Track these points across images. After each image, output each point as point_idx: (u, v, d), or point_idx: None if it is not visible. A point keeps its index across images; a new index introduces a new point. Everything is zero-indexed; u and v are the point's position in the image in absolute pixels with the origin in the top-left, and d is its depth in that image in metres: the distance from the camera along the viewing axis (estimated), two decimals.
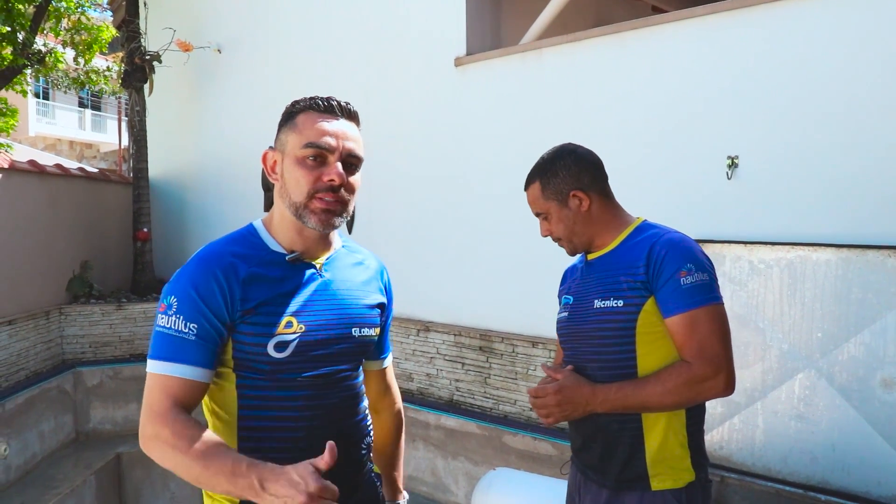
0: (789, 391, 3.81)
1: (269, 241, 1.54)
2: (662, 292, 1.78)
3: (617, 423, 1.86)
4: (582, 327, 1.95)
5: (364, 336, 1.59)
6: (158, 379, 1.42)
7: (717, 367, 1.73)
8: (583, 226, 1.96)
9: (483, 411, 5.42)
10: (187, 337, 1.41)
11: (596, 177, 1.97)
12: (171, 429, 1.36)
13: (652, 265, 1.80)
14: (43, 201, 6.83)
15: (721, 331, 1.77)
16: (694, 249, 1.81)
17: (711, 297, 1.78)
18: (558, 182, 1.96)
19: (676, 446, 1.83)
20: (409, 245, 5.94)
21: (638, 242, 1.88)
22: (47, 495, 5.63)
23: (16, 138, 10.87)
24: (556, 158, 1.99)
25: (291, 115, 1.53)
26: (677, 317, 1.76)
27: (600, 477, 1.92)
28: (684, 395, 1.75)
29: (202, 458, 1.31)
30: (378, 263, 1.76)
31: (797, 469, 3.77)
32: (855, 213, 3.67)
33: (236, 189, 7.45)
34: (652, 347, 1.82)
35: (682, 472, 1.84)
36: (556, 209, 1.98)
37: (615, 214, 1.98)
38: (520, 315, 5.18)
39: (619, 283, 1.85)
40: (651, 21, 4.44)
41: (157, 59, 7.94)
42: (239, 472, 1.27)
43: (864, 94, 3.64)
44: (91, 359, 7.05)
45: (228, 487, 1.29)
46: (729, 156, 4.05)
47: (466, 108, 5.52)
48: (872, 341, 3.55)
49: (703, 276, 1.77)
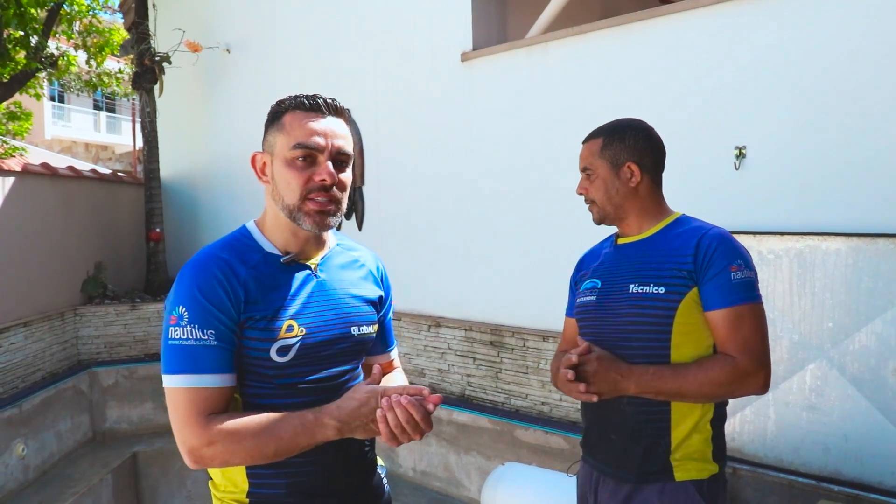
0: (801, 382, 3.78)
1: (264, 242, 1.53)
2: (710, 285, 1.76)
3: (644, 415, 1.83)
4: (615, 312, 1.89)
5: (363, 334, 1.59)
6: (188, 392, 1.38)
7: (759, 363, 1.73)
8: (622, 198, 1.92)
9: (495, 406, 5.43)
10: (208, 343, 1.38)
11: (656, 161, 1.94)
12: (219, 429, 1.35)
13: (701, 256, 1.77)
14: (56, 203, 6.90)
15: (763, 329, 1.77)
16: (741, 246, 1.81)
17: (756, 295, 1.77)
18: (622, 148, 1.92)
19: (700, 440, 1.82)
20: (418, 241, 5.95)
21: (682, 233, 1.86)
22: (65, 494, 5.70)
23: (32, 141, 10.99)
24: (629, 127, 1.94)
25: (277, 116, 1.51)
26: (723, 311, 1.75)
27: (623, 472, 1.88)
28: (724, 388, 1.74)
29: (268, 433, 1.36)
30: (373, 258, 1.75)
31: (809, 460, 3.74)
32: (864, 201, 3.63)
33: (247, 188, 7.47)
34: (687, 338, 1.79)
35: (706, 464, 1.82)
36: (606, 172, 1.93)
37: (657, 203, 1.95)
38: (530, 309, 5.17)
39: (661, 270, 1.82)
40: (658, 12, 4.41)
41: (167, 59, 7.99)
42: (309, 423, 1.37)
43: (873, 83, 3.60)
44: (106, 359, 7.12)
45: (308, 442, 1.37)
46: (736, 146, 4.02)
47: (474, 103, 5.52)
48: (884, 330, 3.52)
49: (750, 274, 1.77)
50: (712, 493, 1.81)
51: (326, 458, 1.49)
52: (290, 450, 1.37)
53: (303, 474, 1.48)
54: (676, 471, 1.80)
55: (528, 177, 5.11)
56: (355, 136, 6.25)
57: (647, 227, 1.93)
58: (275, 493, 1.48)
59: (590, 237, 2.13)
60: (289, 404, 1.45)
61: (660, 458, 1.82)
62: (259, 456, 1.36)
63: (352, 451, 1.56)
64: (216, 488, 1.54)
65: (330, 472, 1.50)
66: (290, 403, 1.45)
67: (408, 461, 5.88)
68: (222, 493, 1.52)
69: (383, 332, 1.77)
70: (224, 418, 1.37)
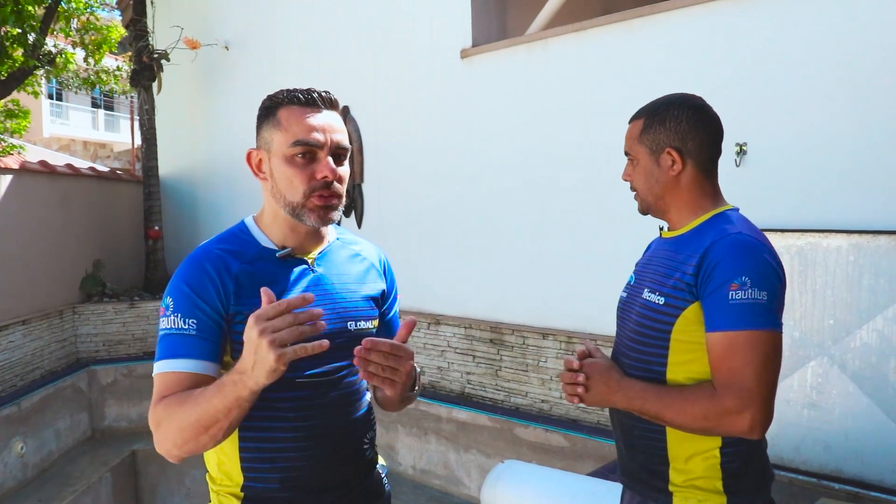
0: (801, 379, 3.78)
1: (261, 237, 1.53)
2: (707, 302, 1.53)
3: (638, 430, 1.68)
4: (629, 313, 1.75)
5: (360, 329, 1.57)
6: (161, 378, 1.39)
7: (744, 403, 1.46)
8: (663, 188, 1.70)
9: (494, 404, 5.42)
10: (188, 332, 1.39)
11: (704, 145, 1.68)
12: (163, 404, 1.35)
13: (704, 267, 1.54)
14: (55, 201, 6.89)
15: (761, 363, 1.48)
16: (758, 259, 1.52)
17: (761, 321, 1.49)
18: (661, 131, 1.70)
19: (703, 465, 1.61)
20: (418, 238, 5.94)
21: (705, 234, 1.61)
22: (64, 492, 5.70)
23: (30, 139, 10.98)
24: (672, 106, 1.72)
25: (271, 111, 1.48)
26: (716, 334, 1.51)
27: (627, 478, 1.77)
28: (700, 424, 1.52)
29: (190, 400, 1.30)
30: (375, 251, 1.74)
31: (810, 458, 3.74)
32: (865, 198, 3.63)
33: (246, 185, 7.46)
34: (687, 357, 1.59)
35: (710, 496, 1.61)
36: (646, 158, 1.73)
37: (704, 194, 1.70)
38: (530, 307, 5.16)
39: (668, 278, 1.62)
40: (658, 8, 4.40)
41: (165, 57, 7.98)
42: (221, 381, 1.28)
43: (873, 80, 3.59)
44: (105, 357, 7.13)
45: (224, 402, 1.28)
46: (737, 143, 4.01)
47: (474, 99, 5.51)
48: (885, 328, 3.52)
49: (759, 295, 1.49)
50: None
51: (321, 454, 1.48)
52: (212, 414, 1.29)
53: (297, 469, 1.47)
54: (676, 496, 1.63)
55: (528, 173, 5.10)
56: (354, 133, 6.24)
57: (684, 223, 1.70)
58: (269, 486, 1.47)
59: (592, 235, 2.11)
60: (287, 398, 1.45)
61: (656, 478, 1.66)
62: (186, 426, 1.31)
63: (347, 448, 1.55)
64: (213, 482, 1.54)
65: (324, 467, 1.49)
66: (288, 397, 1.45)
67: (407, 459, 5.87)
68: (218, 486, 1.52)
69: (389, 326, 1.74)
70: (173, 395, 1.35)
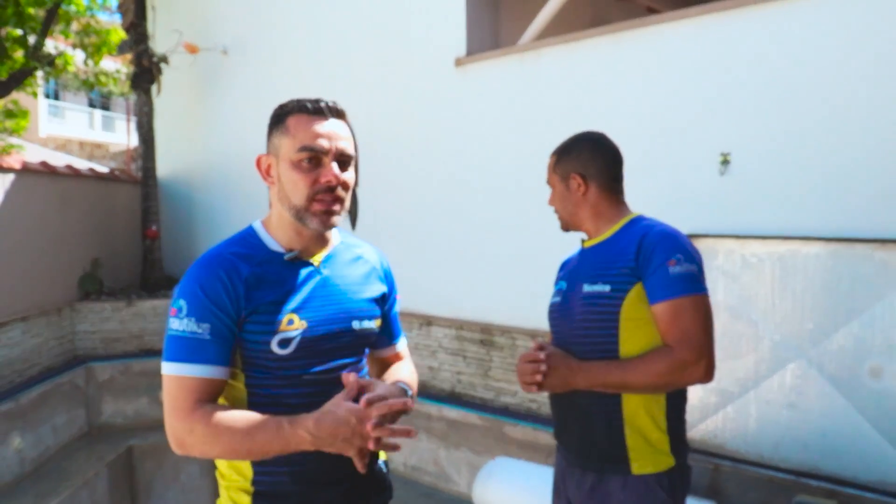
0: (781, 381, 3.90)
1: (269, 241, 1.60)
2: (651, 279, 1.85)
3: (596, 406, 1.92)
4: (570, 310, 2.02)
5: (364, 328, 1.65)
6: (178, 380, 1.46)
7: (698, 354, 1.79)
8: (574, 207, 2.09)
9: (484, 403, 5.53)
10: (202, 336, 1.46)
11: (605, 168, 2.08)
12: (203, 420, 1.41)
13: (643, 252, 1.87)
14: (54, 201, 6.96)
15: (704, 320, 1.83)
16: (684, 242, 1.89)
17: (697, 287, 1.85)
18: (568, 161, 2.10)
19: (656, 431, 1.89)
20: (412, 241, 6.05)
21: (631, 233, 1.96)
22: (60, 487, 5.76)
23: (27, 139, 11.01)
24: (576, 141, 2.12)
25: (281, 119, 1.57)
26: (663, 303, 1.83)
27: (582, 460, 1.99)
28: (665, 379, 1.81)
29: (244, 434, 1.39)
30: (377, 254, 1.82)
31: (789, 456, 3.86)
32: (843, 207, 3.75)
33: (243, 187, 7.57)
34: (634, 333, 1.88)
35: (662, 457, 1.89)
36: (559, 185, 2.12)
37: (612, 207, 2.08)
38: (520, 309, 5.28)
39: (608, 269, 1.93)
40: (646, 22, 4.53)
41: (165, 60, 8.07)
42: (284, 431, 1.39)
43: (853, 92, 3.72)
44: (102, 354, 7.17)
45: (281, 449, 1.40)
46: (721, 153, 4.14)
47: (467, 107, 5.62)
48: (861, 331, 3.64)
49: (691, 267, 1.85)
50: (672, 486, 1.90)
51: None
52: (263, 453, 1.42)
53: (307, 463, 1.52)
54: (633, 462, 1.89)
55: (519, 179, 5.22)
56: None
57: (603, 230, 2.06)
58: (279, 480, 1.53)
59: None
60: (292, 395, 1.52)
61: (616, 449, 1.90)
62: (232, 453, 1.42)
63: None
64: (222, 477, 1.59)
65: (334, 462, 1.52)
66: (294, 394, 1.52)
67: (399, 456, 5.96)
68: (228, 481, 1.57)
69: (389, 325, 1.82)
70: (209, 409, 1.42)
